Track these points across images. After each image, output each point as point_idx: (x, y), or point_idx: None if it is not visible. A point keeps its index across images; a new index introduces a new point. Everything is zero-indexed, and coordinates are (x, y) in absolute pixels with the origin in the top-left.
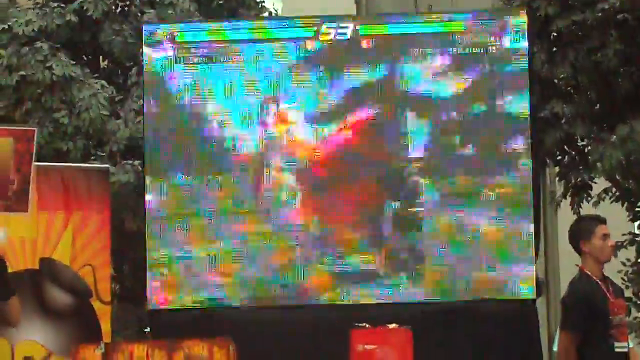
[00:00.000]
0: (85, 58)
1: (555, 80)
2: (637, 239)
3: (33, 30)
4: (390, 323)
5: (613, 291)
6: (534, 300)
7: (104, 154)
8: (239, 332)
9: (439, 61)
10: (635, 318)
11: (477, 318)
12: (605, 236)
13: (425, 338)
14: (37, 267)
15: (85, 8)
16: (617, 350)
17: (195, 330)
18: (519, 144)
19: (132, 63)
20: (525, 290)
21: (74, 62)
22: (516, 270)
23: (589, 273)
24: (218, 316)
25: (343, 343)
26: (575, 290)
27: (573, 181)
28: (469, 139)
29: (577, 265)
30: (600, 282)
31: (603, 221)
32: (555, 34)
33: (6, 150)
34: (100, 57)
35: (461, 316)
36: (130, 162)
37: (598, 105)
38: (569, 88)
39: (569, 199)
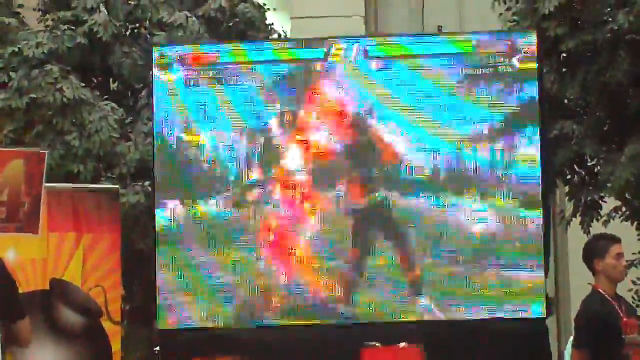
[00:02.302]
0: (95, 80)
1: (565, 100)
2: None
3: (43, 52)
4: (401, 342)
5: (626, 310)
6: (544, 319)
7: (114, 176)
8: (248, 352)
9: (449, 80)
10: None
11: (487, 336)
12: (619, 255)
13: (435, 357)
14: (47, 287)
15: (95, 30)
16: None
17: (205, 350)
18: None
19: (141, 85)
20: (536, 308)
21: (84, 85)
22: (526, 289)
23: (602, 292)
24: (227, 336)
25: None
26: (588, 309)
27: (583, 200)
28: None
29: (590, 283)
30: (613, 301)
31: (618, 240)
32: (564, 54)
33: (17, 172)
34: (110, 79)
35: (472, 335)
36: (140, 183)
37: (607, 124)
38: (578, 108)
39: (578, 218)
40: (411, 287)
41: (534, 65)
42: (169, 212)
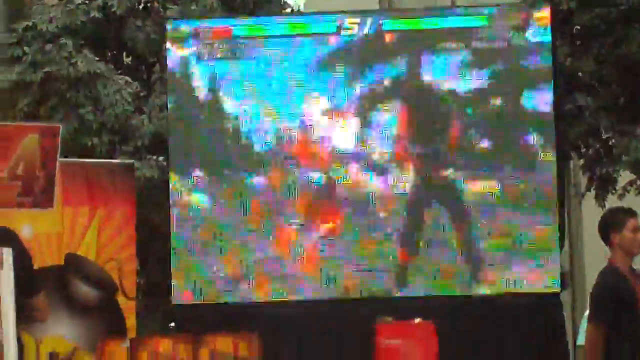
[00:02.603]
0: (109, 54)
1: (579, 74)
2: None
3: (57, 27)
4: (415, 317)
5: None
6: (558, 293)
7: (129, 149)
8: (264, 327)
9: (462, 55)
10: None
11: (502, 311)
12: (636, 229)
13: (450, 331)
14: (62, 262)
15: (109, 4)
16: None
17: (220, 324)
18: (543, 136)
19: (155, 59)
20: (550, 283)
21: (98, 59)
22: (541, 263)
23: (618, 266)
24: (242, 311)
25: (368, 337)
26: (604, 283)
27: (598, 174)
28: (491, 133)
29: (606, 257)
30: (629, 275)
31: (634, 214)
32: (578, 28)
33: (32, 147)
34: (124, 53)
35: (486, 309)
36: (155, 157)
37: (622, 97)
38: (592, 81)
39: (593, 191)
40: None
41: (548, 38)
42: (184, 188)
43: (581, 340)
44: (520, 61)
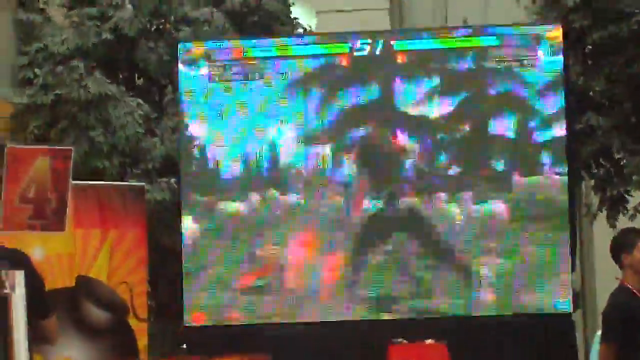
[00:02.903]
0: (120, 76)
1: (591, 93)
2: None
3: (68, 48)
4: (427, 338)
5: None
6: (570, 314)
7: (139, 171)
8: (275, 348)
9: (474, 75)
10: None
11: (514, 332)
12: None
13: (462, 353)
14: (74, 284)
15: (120, 26)
16: None
17: (231, 346)
18: (554, 155)
19: (167, 81)
20: (562, 303)
21: (110, 81)
22: (553, 284)
23: (630, 286)
24: (254, 332)
25: (380, 358)
26: (616, 303)
27: (609, 194)
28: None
29: (617, 278)
30: None
31: None
32: (590, 47)
33: (43, 169)
34: (136, 74)
35: (498, 330)
36: (166, 179)
37: (633, 117)
38: (604, 100)
39: (605, 212)
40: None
41: (560, 57)
42: (196, 209)
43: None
44: (532, 80)
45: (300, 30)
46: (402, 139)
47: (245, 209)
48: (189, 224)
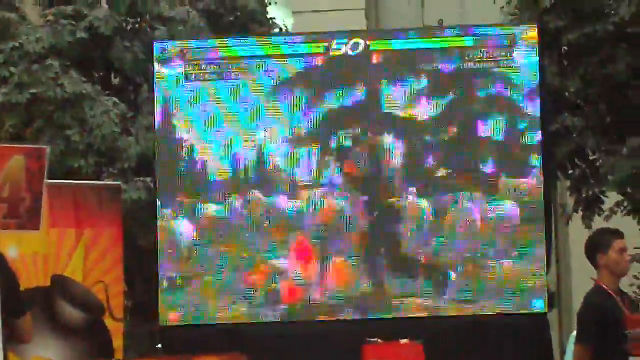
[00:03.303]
0: (96, 75)
1: (566, 93)
2: None
3: (44, 47)
4: (403, 338)
5: (628, 305)
6: (545, 313)
7: (115, 170)
8: (251, 347)
9: (450, 76)
10: None
11: (489, 332)
12: (622, 250)
13: (437, 352)
14: (49, 283)
15: (96, 25)
16: None
17: (207, 346)
18: (530, 156)
19: (142, 79)
20: (537, 303)
21: (85, 79)
22: (528, 284)
23: (605, 287)
24: (229, 332)
25: (355, 358)
26: (591, 304)
27: (584, 194)
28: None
29: (593, 278)
30: (615, 296)
31: (621, 235)
32: (565, 47)
33: (18, 168)
34: (111, 73)
35: (473, 330)
36: (142, 179)
37: (608, 117)
38: (579, 101)
39: (580, 212)
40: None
41: (535, 58)
42: (172, 209)
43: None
44: (508, 81)
45: (277, 30)
46: (387, 140)
47: (221, 211)
48: (164, 224)
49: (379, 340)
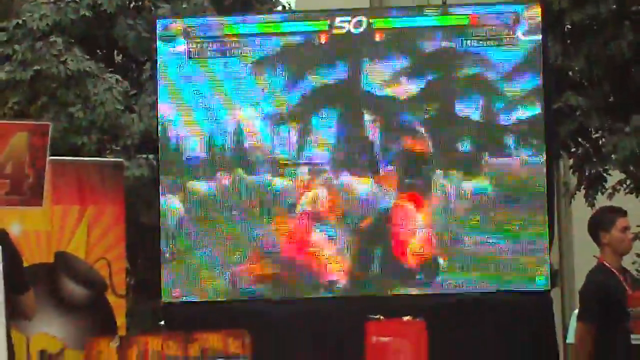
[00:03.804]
0: (99, 52)
1: (570, 72)
2: None
3: (47, 24)
4: (405, 315)
5: (631, 283)
6: (548, 291)
7: (118, 148)
8: (254, 324)
9: (453, 53)
10: None
11: (491, 309)
12: (626, 228)
13: (439, 330)
14: (52, 260)
15: (99, 3)
16: (634, 342)
17: (210, 322)
18: (534, 133)
19: (146, 57)
20: (540, 281)
21: (89, 57)
22: (530, 261)
23: (607, 265)
24: (232, 308)
25: (358, 335)
26: (593, 282)
27: (587, 173)
28: (486, 130)
29: (595, 256)
30: (618, 274)
31: (624, 213)
32: (569, 27)
33: (21, 145)
34: (115, 51)
35: (475, 308)
36: (145, 156)
37: (612, 96)
38: (583, 80)
39: (583, 191)
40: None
41: (539, 37)
42: (174, 186)
43: (571, 338)
44: (511, 59)
45: (280, 9)
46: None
47: (214, 189)
48: (167, 203)
49: (381, 317)
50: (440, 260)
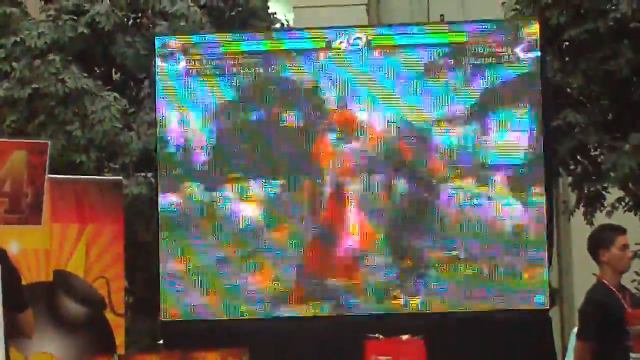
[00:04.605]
0: (97, 70)
1: (568, 89)
2: None
3: (45, 42)
4: (404, 334)
5: (630, 301)
6: (547, 310)
7: (116, 166)
8: (252, 343)
9: (452, 71)
10: None
11: (490, 328)
12: (625, 246)
13: (439, 349)
14: (51, 279)
15: (97, 20)
16: None
17: (208, 341)
18: (532, 151)
19: (144, 75)
20: (539, 300)
21: (87, 75)
22: (529, 280)
23: (607, 283)
24: (231, 327)
25: (357, 354)
26: (593, 300)
27: (586, 190)
28: (482, 148)
29: (595, 274)
30: (617, 292)
31: (623, 231)
32: (567, 43)
33: (20, 163)
34: (113, 69)
35: (475, 326)
36: (143, 174)
37: (610, 113)
38: (581, 97)
39: (582, 208)
40: (411, 277)
41: (537, 54)
42: (172, 203)
43: (570, 357)
44: (509, 77)
45: (278, 26)
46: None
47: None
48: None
49: (380, 336)
50: (439, 277)
